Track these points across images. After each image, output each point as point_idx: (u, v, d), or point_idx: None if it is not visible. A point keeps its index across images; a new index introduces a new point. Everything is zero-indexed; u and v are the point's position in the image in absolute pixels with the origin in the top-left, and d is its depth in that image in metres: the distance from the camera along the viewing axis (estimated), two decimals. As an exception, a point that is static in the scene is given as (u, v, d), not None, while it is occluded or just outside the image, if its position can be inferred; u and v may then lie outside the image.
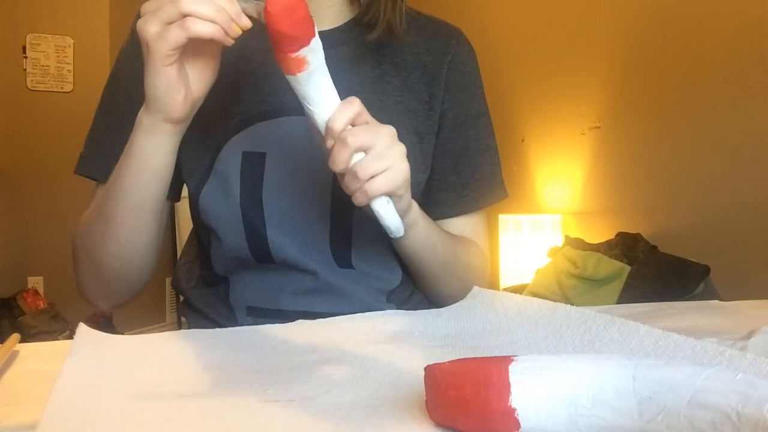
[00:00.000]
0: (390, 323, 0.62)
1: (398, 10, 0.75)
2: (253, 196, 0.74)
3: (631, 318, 0.51)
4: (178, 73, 0.58)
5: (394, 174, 0.60)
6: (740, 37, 1.90)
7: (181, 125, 0.63)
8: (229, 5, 0.55)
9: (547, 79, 2.72)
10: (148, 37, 0.55)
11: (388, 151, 0.60)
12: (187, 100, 0.60)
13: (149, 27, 0.55)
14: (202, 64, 0.60)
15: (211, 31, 0.54)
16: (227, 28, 0.55)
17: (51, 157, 3.08)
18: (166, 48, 0.55)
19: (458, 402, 0.33)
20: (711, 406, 0.28)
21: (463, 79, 0.83)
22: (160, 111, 0.60)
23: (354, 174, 0.59)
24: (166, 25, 0.55)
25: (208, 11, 0.54)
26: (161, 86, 0.58)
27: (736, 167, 1.91)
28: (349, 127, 0.59)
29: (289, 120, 0.75)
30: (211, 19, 0.54)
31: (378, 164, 0.59)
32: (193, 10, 0.53)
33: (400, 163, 0.61)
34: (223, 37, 0.55)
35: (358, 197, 0.61)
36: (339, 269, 0.77)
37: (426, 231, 0.73)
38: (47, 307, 2.97)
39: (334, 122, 0.58)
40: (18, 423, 0.37)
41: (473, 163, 0.84)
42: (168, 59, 0.56)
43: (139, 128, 0.63)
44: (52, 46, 3.19)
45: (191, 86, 0.60)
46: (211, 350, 0.53)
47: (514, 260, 2.54)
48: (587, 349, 0.50)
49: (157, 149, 0.63)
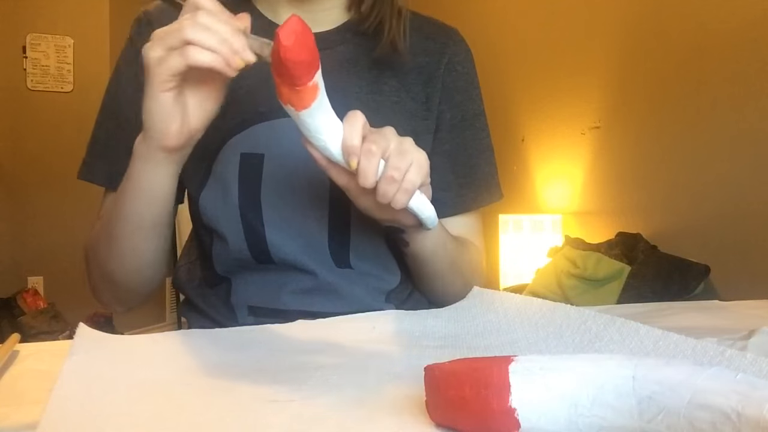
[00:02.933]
0: (390, 323, 0.62)
1: (402, 27, 0.76)
2: (252, 197, 0.74)
3: (631, 318, 0.51)
4: (174, 101, 0.57)
5: (418, 164, 0.60)
6: (740, 37, 1.90)
7: (178, 154, 0.62)
8: (234, 38, 0.54)
9: (547, 79, 2.72)
10: (150, 61, 0.55)
11: (402, 146, 0.59)
12: (182, 131, 0.59)
13: (152, 52, 0.55)
14: (203, 96, 0.59)
15: (210, 61, 0.53)
16: (229, 59, 0.53)
17: (51, 157, 3.08)
18: (165, 73, 0.54)
19: (458, 402, 0.33)
20: (711, 406, 0.28)
21: (459, 79, 0.83)
22: (153, 138, 0.59)
23: (390, 178, 0.58)
24: (169, 51, 0.54)
25: (209, 41, 0.53)
26: (156, 113, 0.57)
27: (736, 167, 1.91)
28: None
29: (287, 121, 0.75)
30: (213, 48, 0.53)
31: (404, 160, 0.58)
32: (195, 38, 0.53)
33: (418, 153, 0.60)
34: (224, 68, 0.54)
35: (399, 198, 0.59)
36: (337, 269, 0.77)
37: (436, 237, 0.73)
38: (47, 307, 2.97)
39: (352, 140, 0.56)
40: (18, 423, 0.37)
41: (471, 163, 0.84)
42: (165, 85, 0.55)
43: (136, 155, 0.62)
44: (52, 46, 3.19)
45: (189, 117, 0.59)
46: (211, 350, 0.53)
47: (514, 260, 2.54)
48: (587, 349, 0.50)
49: (154, 176, 0.63)
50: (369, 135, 0.58)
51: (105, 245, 0.71)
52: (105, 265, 0.73)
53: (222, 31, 0.53)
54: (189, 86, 0.58)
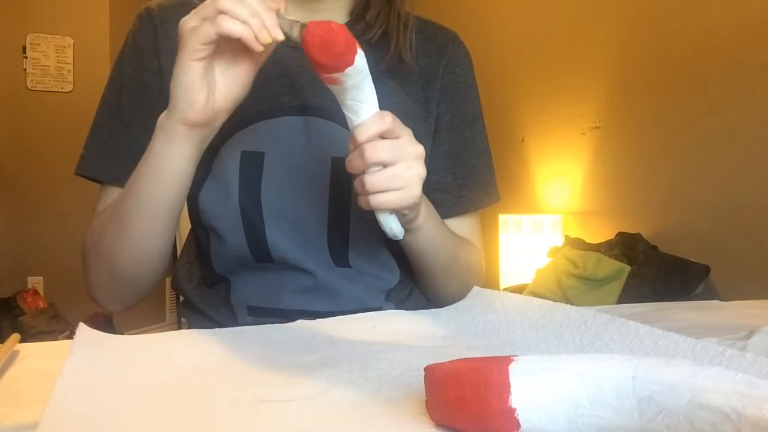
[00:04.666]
0: (390, 323, 0.62)
1: (409, 40, 0.77)
2: (252, 195, 0.74)
3: (631, 318, 0.52)
4: (203, 72, 0.57)
5: (402, 196, 0.61)
6: (740, 37, 1.90)
7: (201, 132, 0.62)
8: (266, 14, 0.55)
9: (547, 79, 2.72)
10: (184, 31, 0.56)
11: (405, 171, 0.60)
12: (208, 105, 0.59)
13: (188, 22, 0.56)
14: (232, 77, 0.60)
15: (239, 30, 0.54)
16: (258, 32, 0.55)
17: (51, 158, 3.08)
18: (196, 41, 0.56)
19: (458, 402, 0.33)
20: (711, 406, 0.28)
21: (458, 81, 0.84)
22: (178, 111, 0.59)
23: (363, 183, 0.60)
24: (203, 21, 0.55)
25: (242, 12, 0.54)
26: (184, 82, 0.57)
27: (737, 167, 1.91)
28: (376, 139, 0.59)
29: (288, 120, 0.75)
30: (244, 19, 0.54)
31: (390, 183, 0.60)
32: (228, 8, 0.54)
33: (412, 188, 0.61)
34: (252, 41, 0.55)
35: (360, 201, 0.62)
36: (337, 268, 0.77)
37: (430, 235, 0.73)
38: (47, 307, 2.97)
39: (360, 132, 0.59)
40: (18, 423, 0.37)
41: (470, 165, 0.84)
42: (196, 53, 0.56)
43: (160, 131, 0.62)
44: (52, 46, 3.19)
45: (217, 94, 0.60)
46: (211, 350, 0.53)
47: (514, 260, 2.54)
48: (587, 349, 0.50)
49: (175, 154, 0.62)
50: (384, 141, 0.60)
51: (113, 232, 0.70)
52: (109, 255, 0.71)
53: (255, 5, 0.55)
54: (219, 63, 0.59)
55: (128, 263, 0.71)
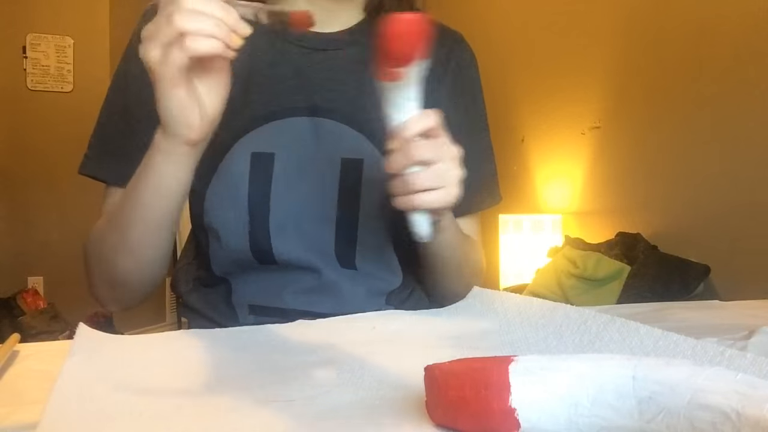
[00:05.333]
0: (390, 323, 0.62)
1: None
2: (262, 196, 0.74)
3: (631, 318, 0.51)
4: (188, 93, 0.56)
5: (444, 195, 0.61)
6: (740, 37, 1.90)
7: (202, 144, 0.61)
8: (226, 15, 0.53)
9: (547, 79, 2.72)
10: (151, 62, 0.54)
11: (447, 172, 0.60)
12: (203, 120, 0.58)
13: (150, 52, 0.54)
14: (212, 81, 0.58)
15: (209, 47, 0.52)
16: (227, 41, 0.53)
17: (51, 158, 3.08)
18: (170, 72, 0.53)
19: (458, 402, 0.33)
20: (711, 406, 0.28)
21: (464, 83, 0.84)
22: (176, 134, 0.58)
23: (407, 182, 0.59)
24: (167, 47, 0.53)
25: (205, 26, 0.52)
26: (175, 108, 0.56)
27: (737, 167, 1.91)
28: (418, 138, 0.59)
29: (298, 120, 0.75)
30: (210, 34, 0.52)
31: (433, 182, 0.60)
32: (190, 28, 0.51)
33: (453, 187, 0.61)
34: (225, 51, 0.53)
35: (401, 202, 0.61)
36: (341, 269, 0.77)
37: (451, 235, 0.74)
38: (47, 307, 2.96)
39: (405, 129, 0.58)
40: (18, 423, 0.37)
41: (474, 167, 0.84)
42: (174, 82, 0.54)
43: (157, 151, 0.61)
44: (52, 46, 3.19)
45: (207, 106, 0.58)
46: (211, 350, 0.53)
47: (514, 260, 2.54)
48: (587, 349, 0.50)
49: (175, 171, 0.62)
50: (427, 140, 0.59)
51: (112, 238, 0.69)
52: (109, 259, 0.71)
53: (212, 11, 0.52)
54: (195, 75, 0.57)
55: (127, 269, 0.71)
